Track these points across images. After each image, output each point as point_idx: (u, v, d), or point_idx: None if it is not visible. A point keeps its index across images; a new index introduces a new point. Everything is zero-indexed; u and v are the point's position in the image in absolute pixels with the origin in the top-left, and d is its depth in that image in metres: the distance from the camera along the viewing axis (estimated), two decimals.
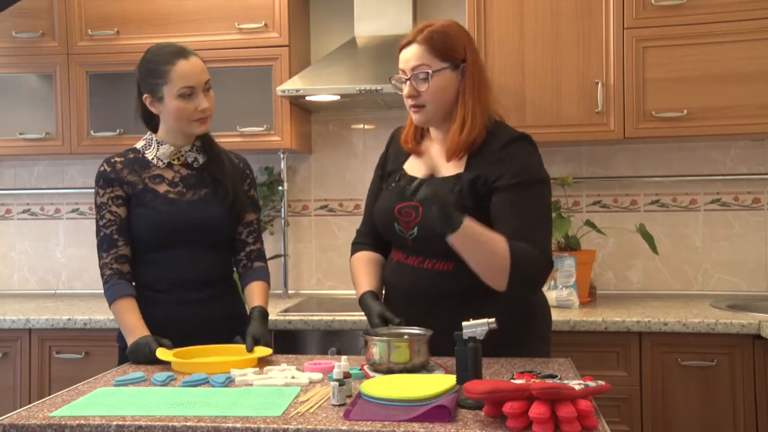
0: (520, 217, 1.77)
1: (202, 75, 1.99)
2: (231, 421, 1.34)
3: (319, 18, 3.36)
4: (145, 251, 2.05)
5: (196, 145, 2.10)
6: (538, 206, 1.82)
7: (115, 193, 2.02)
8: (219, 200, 2.07)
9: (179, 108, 1.98)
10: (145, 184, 2.03)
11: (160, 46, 2.03)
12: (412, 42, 1.86)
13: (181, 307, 2.03)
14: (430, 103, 1.86)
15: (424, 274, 1.88)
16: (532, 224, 1.78)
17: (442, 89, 1.85)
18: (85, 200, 3.51)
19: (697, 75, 2.72)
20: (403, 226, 1.89)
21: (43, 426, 1.35)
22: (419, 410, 1.33)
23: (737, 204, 3.09)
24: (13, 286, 3.55)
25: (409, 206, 1.88)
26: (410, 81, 1.86)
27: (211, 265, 2.08)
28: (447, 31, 1.87)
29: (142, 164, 2.06)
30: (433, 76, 1.84)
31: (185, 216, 2.02)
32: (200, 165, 2.09)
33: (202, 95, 1.99)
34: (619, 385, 2.42)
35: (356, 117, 3.34)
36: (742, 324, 2.40)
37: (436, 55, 1.84)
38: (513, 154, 1.83)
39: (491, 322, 1.62)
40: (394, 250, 1.98)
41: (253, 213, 2.18)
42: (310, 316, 2.66)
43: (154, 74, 1.99)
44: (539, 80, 2.81)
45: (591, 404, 1.30)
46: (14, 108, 3.16)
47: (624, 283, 3.15)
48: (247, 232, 2.15)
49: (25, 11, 3.12)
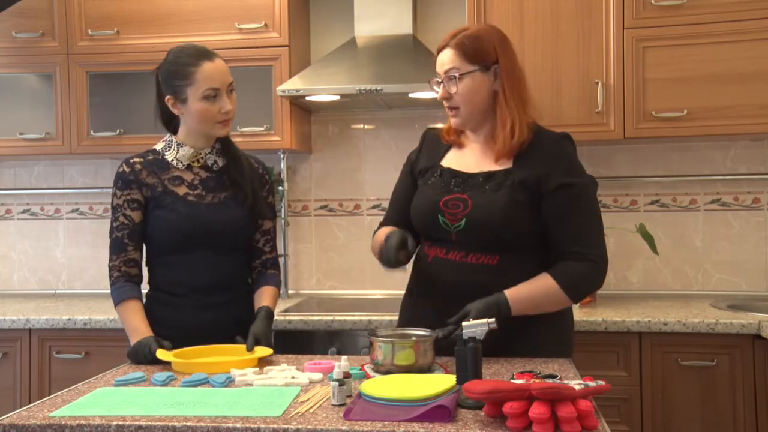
0: (574, 221, 1.86)
1: (226, 76, 1.99)
2: (231, 421, 1.34)
3: (319, 18, 3.36)
4: (162, 254, 2.05)
5: (215, 148, 2.09)
6: (590, 207, 1.89)
7: (131, 196, 2.01)
8: (238, 204, 2.06)
9: (203, 110, 1.97)
10: (165, 186, 2.02)
11: (183, 47, 2.01)
12: (446, 47, 1.92)
13: (199, 311, 2.02)
14: (463, 105, 1.91)
15: (467, 268, 1.87)
16: (586, 228, 1.87)
17: (474, 91, 1.90)
18: (85, 200, 3.51)
19: (697, 75, 2.72)
20: (448, 218, 1.88)
21: (43, 426, 1.35)
22: (419, 410, 1.33)
23: (737, 204, 3.09)
24: (13, 286, 3.55)
25: (457, 198, 1.89)
26: (443, 83, 1.92)
27: (229, 269, 2.07)
28: (478, 35, 1.92)
29: (161, 166, 2.05)
30: (461, 79, 1.88)
31: (205, 219, 2.01)
32: (220, 168, 2.09)
33: (225, 97, 1.99)
34: (619, 385, 2.42)
35: (356, 117, 3.34)
36: (742, 324, 2.40)
37: (465, 58, 1.89)
38: (562, 155, 1.90)
39: (491, 322, 1.63)
40: (430, 246, 1.96)
41: (270, 220, 2.17)
42: (310, 316, 2.66)
43: (179, 75, 1.97)
44: (539, 80, 2.81)
45: (591, 404, 1.30)
46: (14, 108, 3.15)
47: (624, 283, 3.15)
48: (264, 240, 2.15)
49: (25, 11, 3.12)
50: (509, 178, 1.87)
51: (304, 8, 3.27)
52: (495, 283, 1.83)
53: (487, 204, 1.85)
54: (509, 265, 1.85)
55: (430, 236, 1.96)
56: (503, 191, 1.85)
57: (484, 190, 1.88)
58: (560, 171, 1.86)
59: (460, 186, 1.91)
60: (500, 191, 1.86)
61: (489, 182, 1.88)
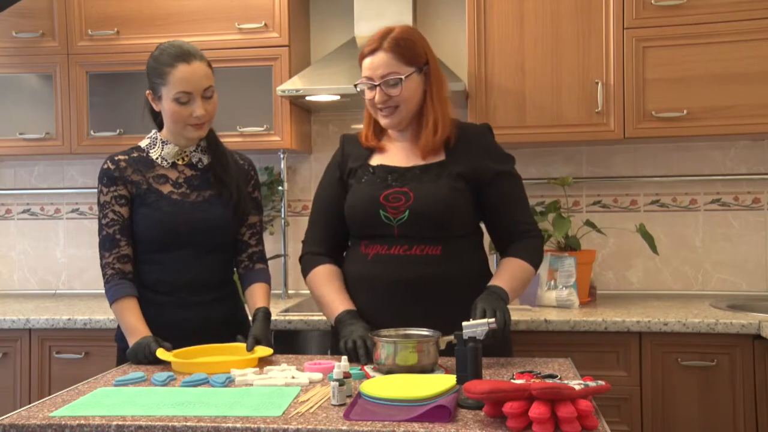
0: (516, 204, 2.00)
1: (201, 81, 1.96)
2: (231, 421, 1.34)
3: (319, 18, 3.36)
4: (146, 252, 2.03)
5: (201, 146, 2.09)
6: (523, 188, 2.04)
7: (118, 192, 2.01)
8: (223, 202, 2.06)
9: (174, 111, 1.96)
10: (150, 184, 2.02)
11: (168, 46, 1.99)
12: (378, 50, 1.91)
13: (181, 310, 2.02)
14: (403, 105, 1.93)
15: (411, 261, 1.89)
16: (524, 209, 2.03)
17: (413, 93, 1.93)
18: (85, 200, 3.51)
19: (697, 75, 2.72)
20: (390, 212, 1.90)
21: (43, 426, 1.35)
22: (419, 410, 1.33)
23: (737, 204, 3.09)
24: (13, 286, 3.55)
25: (397, 192, 1.91)
26: (380, 87, 1.91)
27: (213, 268, 2.07)
28: (410, 37, 1.94)
29: (146, 164, 2.04)
30: (403, 82, 1.90)
31: (189, 217, 2.01)
32: (204, 166, 2.08)
33: (199, 101, 1.96)
34: (619, 385, 2.42)
35: (356, 117, 3.34)
36: (742, 324, 2.40)
37: (403, 61, 1.91)
38: (490, 144, 2.02)
39: (491, 322, 1.63)
40: (369, 244, 1.94)
41: (256, 215, 2.17)
42: (310, 316, 2.66)
43: (156, 73, 1.97)
44: (539, 80, 2.81)
45: (591, 404, 1.30)
46: (14, 108, 3.15)
47: (624, 283, 3.15)
48: (249, 234, 2.14)
49: (25, 11, 3.12)
50: (446, 168, 1.93)
51: (304, 8, 3.27)
52: (439, 273, 1.88)
53: (428, 194, 1.89)
54: (451, 254, 1.90)
55: (370, 234, 1.95)
56: (443, 181, 1.91)
57: (423, 181, 1.91)
58: (493, 160, 1.97)
59: (398, 180, 1.93)
60: (440, 181, 1.91)
61: (426, 174, 1.92)
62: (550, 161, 3.18)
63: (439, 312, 1.83)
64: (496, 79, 2.84)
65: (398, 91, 1.90)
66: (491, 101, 2.84)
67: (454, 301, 1.85)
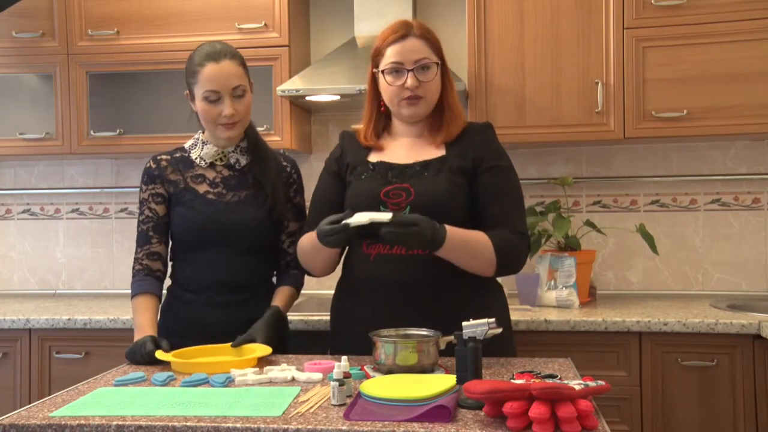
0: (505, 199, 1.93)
1: (230, 80, 1.98)
2: (231, 421, 1.34)
3: (319, 18, 3.36)
4: (182, 250, 2.08)
5: (240, 146, 2.10)
6: (517, 188, 1.98)
7: (155, 191, 2.06)
8: (259, 203, 2.06)
9: (204, 110, 2.00)
10: (187, 183, 2.06)
11: (202, 46, 2.03)
12: (408, 36, 1.92)
13: (209, 309, 2.03)
14: (428, 95, 1.94)
15: (413, 261, 1.86)
16: (516, 207, 1.95)
17: (438, 84, 1.96)
18: (85, 200, 3.51)
19: (697, 75, 2.72)
20: (391, 209, 1.88)
21: (43, 426, 1.35)
22: (419, 410, 1.33)
23: (737, 204, 3.09)
24: (13, 286, 3.55)
25: (398, 188, 1.90)
26: (413, 72, 1.90)
27: (244, 269, 2.06)
28: (432, 30, 1.97)
29: (186, 163, 2.08)
30: (432, 69, 1.92)
31: (221, 217, 2.02)
32: (242, 166, 2.09)
33: (228, 101, 1.98)
34: (619, 385, 2.42)
35: (356, 117, 3.31)
36: (742, 324, 2.40)
37: (433, 50, 1.94)
38: (490, 141, 1.99)
39: (491, 322, 1.63)
40: (370, 244, 1.91)
41: (296, 222, 2.15)
42: (310, 316, 2.66)
43: (189, 73, 2.02)
44: (539, 80, 2.81)
45: (591, 404, 1.30)
46: (14, 108, 3.15)
47: (624, 283, 3.15)
48: (289, 242, 2.14)
49: (25, 11, 3.12)
50: (446, 163, 1.92)
51: (304, 8, 3.27)
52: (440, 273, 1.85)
53: (429, 189, 1.88)
54: None
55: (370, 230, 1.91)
56: (443, 175, 1.90)
57: (424, 177, 1.90)
58: (491, 155, 1.95)
59: (399, 176, 1.92)
60: (440, 176, 1.90)
61: (427, 170, 1.92)
62: (550, 161, 3.18)
63: (439, 312, 1.83)
64: (496, 78, 2.84)
65: (431, 76, 1.91)
66: (491, 101, 2.84)
67: (455, 301, 1.85)
